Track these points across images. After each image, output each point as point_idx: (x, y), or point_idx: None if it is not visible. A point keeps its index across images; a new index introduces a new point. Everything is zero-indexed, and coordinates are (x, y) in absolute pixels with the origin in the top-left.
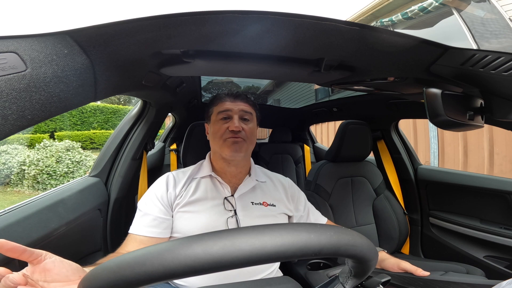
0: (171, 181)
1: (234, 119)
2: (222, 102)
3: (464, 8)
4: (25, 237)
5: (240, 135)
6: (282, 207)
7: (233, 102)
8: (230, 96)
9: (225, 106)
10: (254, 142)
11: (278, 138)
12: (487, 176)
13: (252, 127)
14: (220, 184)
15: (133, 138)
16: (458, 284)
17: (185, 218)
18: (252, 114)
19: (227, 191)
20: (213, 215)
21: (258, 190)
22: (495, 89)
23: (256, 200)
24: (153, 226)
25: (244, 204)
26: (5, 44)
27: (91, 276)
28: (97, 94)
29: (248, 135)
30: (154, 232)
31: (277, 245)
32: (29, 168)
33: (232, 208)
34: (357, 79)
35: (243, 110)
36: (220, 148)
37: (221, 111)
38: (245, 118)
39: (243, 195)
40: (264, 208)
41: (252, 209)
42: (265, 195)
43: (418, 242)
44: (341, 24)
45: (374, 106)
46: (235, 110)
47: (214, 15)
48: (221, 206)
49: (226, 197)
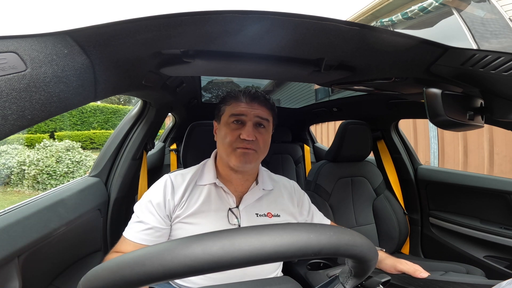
0: (169, 187)
1: (247, 126)
2: (236, 103)
3: (464, 8)
4: (25, 237)
5: (252, 146)
6: (287, 216)
7: (249, 104)
8: (247, 97)
9: (239, 109)
10: (266, 152)
11: (278, 138)
12: (487, 176)
13: (267, 136)
14: (224, 194)
15: (133, 138)
16: (458, 284)
17: (186, 229)
18: (269, 121)
19: (232, 202)
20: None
21: (264, 200)
22: (495, 89)
23: (261, 211)
24: (147, 235)
25: (248, 217)
26: (5, 44)
27: (91, 276)
28: (97, 94)
29: (261, 145)
30: (148, 240)
31: (276, 245)
32: (29, 168)
33: (236, 222)
34: (357, 79)
35: (259, 116)
36: (227, 156)
37: (234, 113)
38: (261, 125)
39: (248, 207)
40: (268, 219)
41: (256, 221)
42: (270, 205)
43: (418, 242)
44: (341, 24)
45: (374, 106)
46: (250, 116)
47: (214, 15)
48: (224, 218)
49: (230, 209)
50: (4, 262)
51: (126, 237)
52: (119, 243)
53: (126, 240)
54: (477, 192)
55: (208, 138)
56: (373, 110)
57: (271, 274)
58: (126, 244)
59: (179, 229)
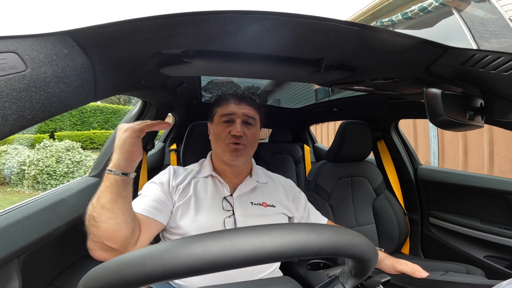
0: (172, 172)
1: (236, 123)
2: (226, 104)
3: (464, 8)
4: (25, 237)
5: (242, 141)
6: (282, 208)
7: (237, 105)
8: (235, 98)
9: (228, 109)
10: (255, 146)
11: (278, 138)
12: (487, 176)
13: (254, 131)
14: (220, 184)
15: None
16: (458, 284)
17: (184, 216)
18: (256, 119)
19: (226, 191)
20: (211, 214)
21: (258, 191)
22: (495, 89)
23: (255, 200)
24: (152, 207)
25: (242, 204)
26: (5, 44)
27: (91, 276)
28: (97, 94)
29: (250, 140)
30: (151, 212)
31: (277, 245)
32: (29, 168)
33: (230, 208)
34: (357, 79)
35: (246, 115)
36: (221, 151)
37: (224, 114)
38: (248, 123)
39: (242, 195)
40: (263, 208)
41: (251, 209)
42: (265, 195)
43: (418, 242)
44: (341, 24)
45: (374, 106)
46: (239, 114)
47: (214, 15)
48: (219, 205)
49: (225, 197)
50: (4, 262)
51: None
52: None
53: None
54: (477, 192)
55: (208, 138)
56: (373, 110)
57: (268, 270)
58: None
59: (177, 215)
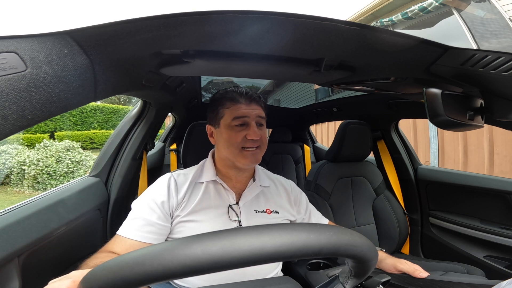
0: (173, 186)
1: (252, 127)
2: (236, 105)
3: (464, 8)
4: (25, 237)
5: (257, 144)
6: (285, 213)
7: (248, 106)
8: (244, 98)
9: (241, 111)
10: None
11: (278, 138)
12: (487, 176)
13: (265, 132)
14: (224, 190)
15: (133, 138)
16: (458, 284)
17: (188, 227)
18: (265, 119)
19: (231, 199)
20: (217, 225)
21: (262, 196)
22: (495, 89)
23: (259, 207)
24: (147, 232)
25: (248, 213)
26: (5, 44)
27: (91, 276)
28: (97, 94)
29: (264, 142)
30: (146, 237)
31: (276, 245)
32: (29, 168)
33: (236, 218)
34: (357, 79)
35: (259, 116)
36: (235, 157)
37: (237, 116)
38: (260, 123)
39: (247, 203)
40: (267, 216)
41: (255, 217)
42: (268, 201)
43: (418, 242)
44: (341, 24)
45: (374, 106)
46: (252, 116)
47: (214, 15)
48: (225, 215)
49: (230, 205)
50: (4, 262)
51: (121, 235)
52: (111, 242)
53: (120, 238)
54: (477, 192)
55: (208, 138)
56: (373, 110)
57: (270, 273)
58: (121, 242)
59: (180, 227)
